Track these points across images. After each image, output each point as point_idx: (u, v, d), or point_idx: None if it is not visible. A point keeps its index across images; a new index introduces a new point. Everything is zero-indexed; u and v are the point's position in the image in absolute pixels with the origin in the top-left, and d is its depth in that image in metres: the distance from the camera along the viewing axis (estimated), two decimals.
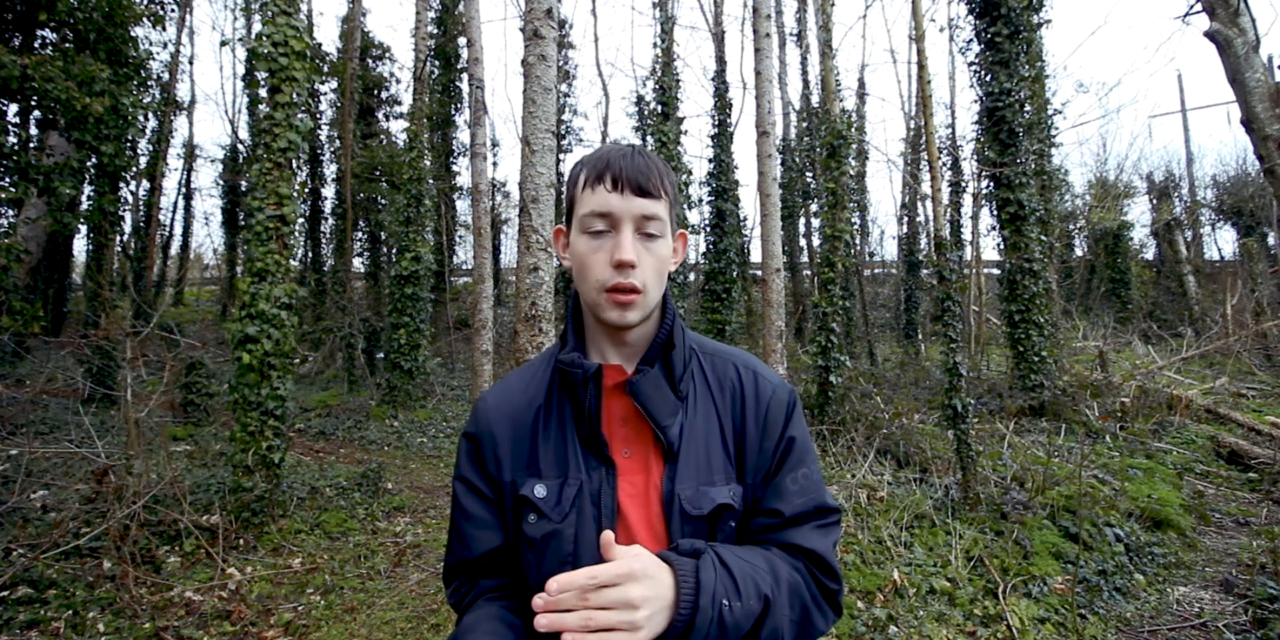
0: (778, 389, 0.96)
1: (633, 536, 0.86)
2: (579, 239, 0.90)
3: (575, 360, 0.90)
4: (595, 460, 0.89)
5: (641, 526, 0.87)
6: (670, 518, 0.86)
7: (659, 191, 0.89)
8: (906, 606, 3.48)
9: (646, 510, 0.87)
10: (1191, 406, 7.47)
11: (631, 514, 0.87)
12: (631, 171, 0.88)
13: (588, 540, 0.86)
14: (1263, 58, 3.52)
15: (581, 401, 0.89)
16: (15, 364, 9.54)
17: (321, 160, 14.91)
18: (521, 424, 0.94)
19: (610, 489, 0.87)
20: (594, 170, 0.89)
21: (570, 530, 0.86)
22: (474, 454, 0.96)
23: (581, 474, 0.88)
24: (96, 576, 3.62)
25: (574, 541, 0.86)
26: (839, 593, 0.89)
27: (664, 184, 0.90)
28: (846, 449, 5.95)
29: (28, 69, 4.88)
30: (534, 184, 3.09)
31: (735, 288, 10.61)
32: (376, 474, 5.64)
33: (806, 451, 0.95)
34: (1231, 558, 4.31)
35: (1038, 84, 10.12)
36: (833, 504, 0.93)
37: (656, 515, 0.87)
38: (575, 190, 0.92)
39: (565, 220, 0.96)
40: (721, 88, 11.15)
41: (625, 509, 0.87)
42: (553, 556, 0.86)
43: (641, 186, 0.88)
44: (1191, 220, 19.04)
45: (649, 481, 0.88)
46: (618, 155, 0.89)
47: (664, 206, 0.90)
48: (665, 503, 0.86)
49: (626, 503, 0.87)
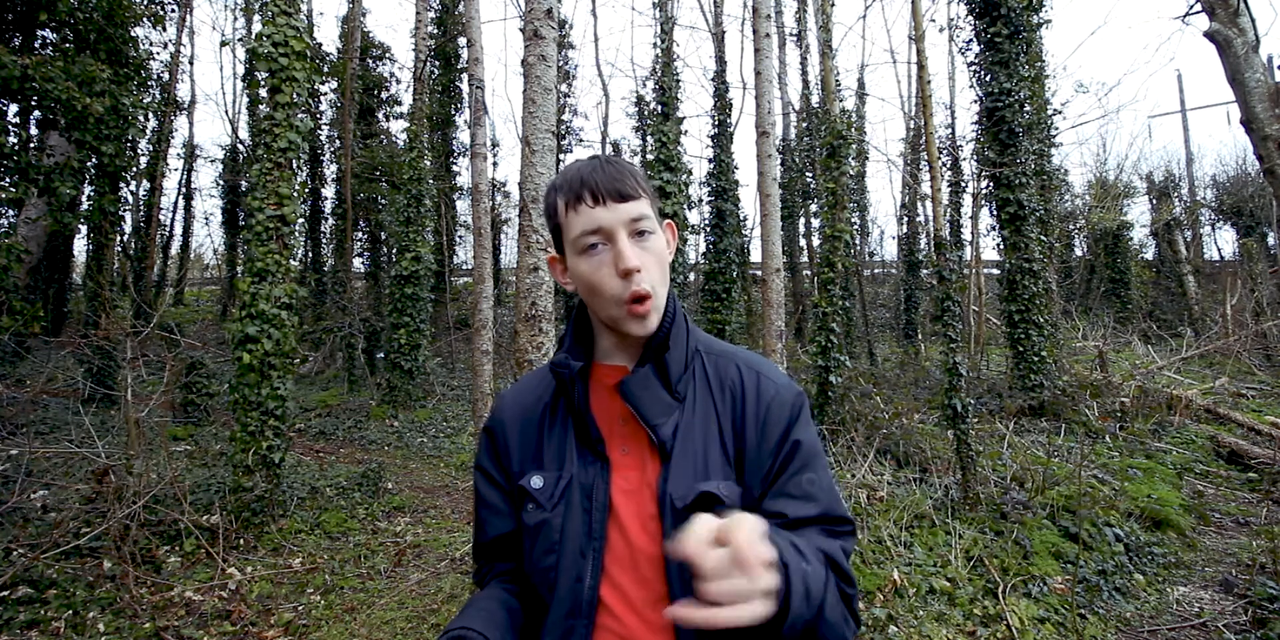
0: (781, 390, 0.94)
1: (625, 531, 0.88)
2: (578, 261, 0.91)
3: (563, 360, 0.94)
4: (590, 455, 0.92)
5: (633, 522, 0.88)
6: (664, 515, 0.87)
7: (637, 192, 0.90)
8: (906, 606, 3.48)
9: (640, 506, 0.89)
10: (1191, 406, 7.47)
11: (624, 509, 0.89)
12: (606, 182, 0.89)
13: (573, 531, 0.89)
14: (1262, 58, 3.52)
15: (573, 400, 0.93)
16: (15, 364, 9.53)
17: (321, 160, 14.91)
18: (530, 419, 0.99)
19: (603, 484, 0.90)
20: (570, 192, 0.90)
21: (558, 520, 0.89)
22: (490, 446, 1.01)
23: (574, 468, 0.92)
24: (96, 576, 3.62)
25: (560, 531, 0.89)
26: (855, 599, 0.84)
27: (639, 183, 0.91)
28: (846, 449, 5.95)
29: (28, 69, 4.88)
30: (534, 184, 3.09)
31: (735, 288, 10.61)
32: (376, 474, 5.64)
33: (814, 456, 0.92)
34: (1231, 558, 4.31)
35: (1037, 84, 10.13)
36: (844, 513, 0.90)
37: (650, 512, 0.88)
38: (558, 218, 0.93)
39: (557, 248, 0.98)
40: (721, 88, 11.15)
41: (618, 504, 0.89)
42: (541, 544, 0.90)
43: (621, 192, 0.89)
44: (1191, 220, 19.03)
45: (643, 479, 0.90)
46: (587, 171, 0.90)
47: (647, 204, 0.92)
48: (659, 501, 0.88)
49: (620, 498, 0.90)
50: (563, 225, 0.93)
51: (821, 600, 0.74)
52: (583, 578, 0.87)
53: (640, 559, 0.87)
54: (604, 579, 0.87)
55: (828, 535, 0.87)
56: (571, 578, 0.87)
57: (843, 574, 0.83)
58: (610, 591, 0.87)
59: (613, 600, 0.86)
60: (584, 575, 0.87)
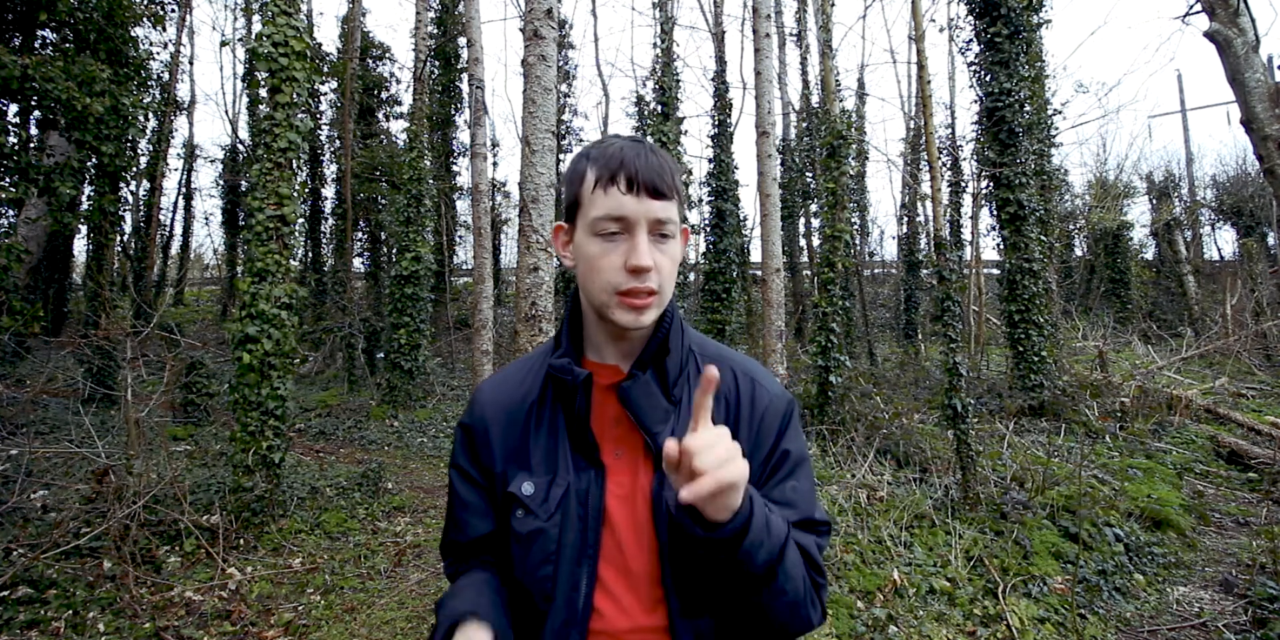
0: (775, 399, 0.94)
1: (618, 537, 0.87)
2: (588, 241, 0.87)
3: (566, 366, 0.89)
4: (584, 462, 0.89)
5: (627, 528, 0.87)
6: (658, 520, 0.86)
7: (671, 192, 0.87)
8: (906, 606, 3.48)
9: (633, 512, 0.87)
10: (1191, 406, 7.47)
11: (617, 515, 0.87)
12: (647, 173, 0.84)
13: (570, 541, 0.86)
14: (1262, 58, 3.52)
15: (572, 408, 0.90)
16: (15, 364, 9.53)
17: (321, 160, 14.91)
18: (515, 418, 0.94)
19: (599, 490, 0.88)
20: (606, 169, 0.85)
21: (555, 530, 0.87)
22: (468, 443, 0.97)
23: (570, 475, 0.89)
24: (96, 576, 3.62)
25: (557, 541, 0.87)
26: (824, 588, 0.89)
27: (675, 183, 0.88)
28: (846, 449, 5.95)
29: (28, 69, 4.88)
30: (534, 184, 3.09)
31: (735, 288, 10.60)
32: (376, 474, 5.64)
33: (800, 464, 0.93)
34: (1231, 558, 4.32)
35: (1037, 84, 10.13)
36: (823, 517, 0.92)
37: (644, 517, 0.87)
38: (582, 188, 0.88)
39: (567, 217, 0.93)
40: (721, 88, 11.15)
41: (611, 510, 0.87)
42: (536, 553, 0.87)
43: (657, 188, 0.85)
44: (1191, 220, 19.03)
45: (636, 484, 0.88)
46: (631, 154, 0.85)
47: (675, 207, 0.88)
48: (653, 506, 0.87)
49: (613, 504, 0.88)
50: (583, 199, 0.88)
51: (783, 544, 0.79)
52: (579, 586, 0.85)
53: (633, 565, 0.86)
54: (598, 586, 0.86)
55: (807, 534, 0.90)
56: (568, 587, 0.85)
57: (813, 564, 0.87)
58: (604, 598, 0.86)
59: (605, 606, 0.86)
60: (580, 583, 0.85)
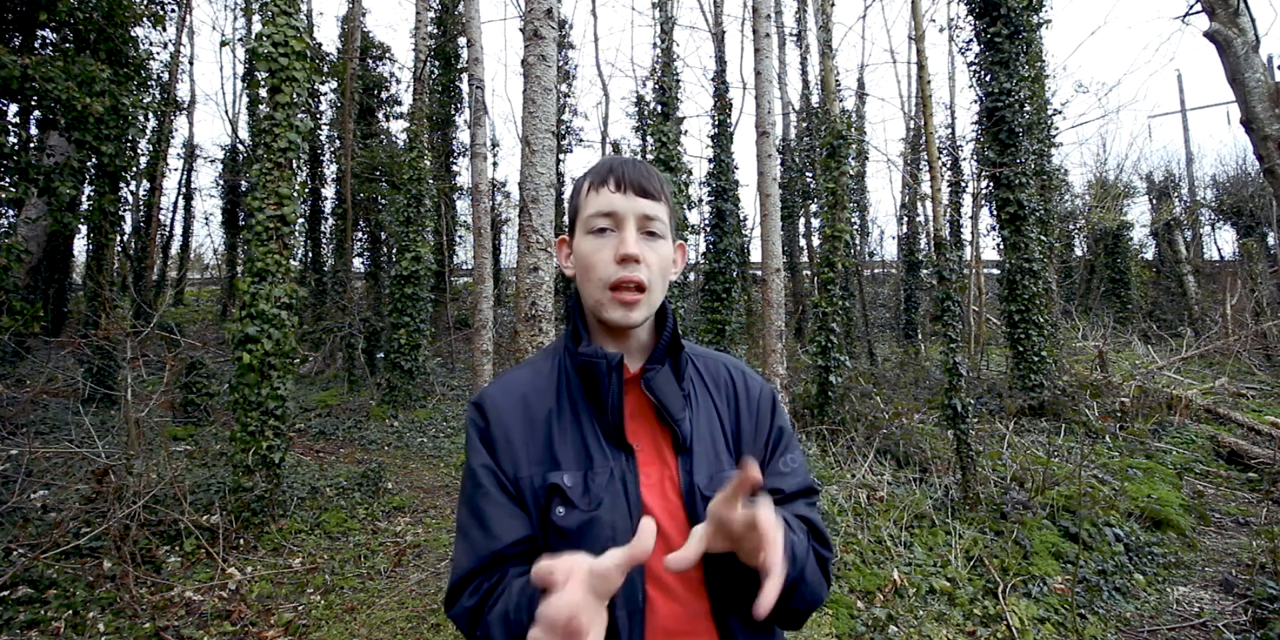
0: (761, 386, 1.08)
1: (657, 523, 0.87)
2: (583, 240, 0.95)
3: (598, 351, 0.93)
4: (616, 449, 0.92)
5: (662, 514, 0.90)
6: (690, 506, 0.90)
7: (659, 195, 0.96)
8: (906, 606, 3.48)
9: (664, 500, 0.91)
10: (1191, 406, 7.47)
11: (651, 501, 0.91)
12: (634, 174, 0.94)
13: (623, 527, 0.87)
14: (1262, 58, 3.52)
15: (604, 392, 0.92)
16: (15, 364, 9.53)
17: (321, 160, 14.90)
18: (536, 420, 0.94)
19: (634, 476, 0.91)
20: (597, 175, 0.96)
21: (607, 516, 0.88)
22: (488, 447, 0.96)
23: (609, 462, 0.91)
24: (96, 576, 3.62)
25: (612, 527, 0.87)
26: (830, 561, 0.97)
27: (663, 189, 0.97)
28: (846, 449, 5.95)
29: (28, 69, 4.88)
30: (534, 184, 3.09)
31: (735, 288, 10.59)
32: (376, 474, 5.64)
33: (792, 438, 1.06)
34: (1231, 558, 4.32)
35: (1037, 84, 10.13)
36: (815, 485, 1.05)
37: (675, 505, 0.91)
38: (579, 198, 0.98)
39: (569, 229, 1.02)
40: (721, 88, 11.14)
41: (645, 497, 0.91)
42: (592, 544, 0.86)
43: (644, 187, 0.94)
44: (1191, 220, 19.02)
45: (664, 473, 0.93)
46: (619, 161, 0.96)
47: (664, 210, 0.96)
48: (685, 493, 0.91)
49: (646, 492, 0.91)
50: (580, 205, 0.98)
51: (804, 564, 0.87)
52: (633, 574, 0.86)
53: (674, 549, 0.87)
54: (647, 573, 0.88)
55: (808, 505, 1.00)
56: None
57: (820, 537, 0.96)
58: (652, 584, 0.89)
59: (654, 592, 0.89)
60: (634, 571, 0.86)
